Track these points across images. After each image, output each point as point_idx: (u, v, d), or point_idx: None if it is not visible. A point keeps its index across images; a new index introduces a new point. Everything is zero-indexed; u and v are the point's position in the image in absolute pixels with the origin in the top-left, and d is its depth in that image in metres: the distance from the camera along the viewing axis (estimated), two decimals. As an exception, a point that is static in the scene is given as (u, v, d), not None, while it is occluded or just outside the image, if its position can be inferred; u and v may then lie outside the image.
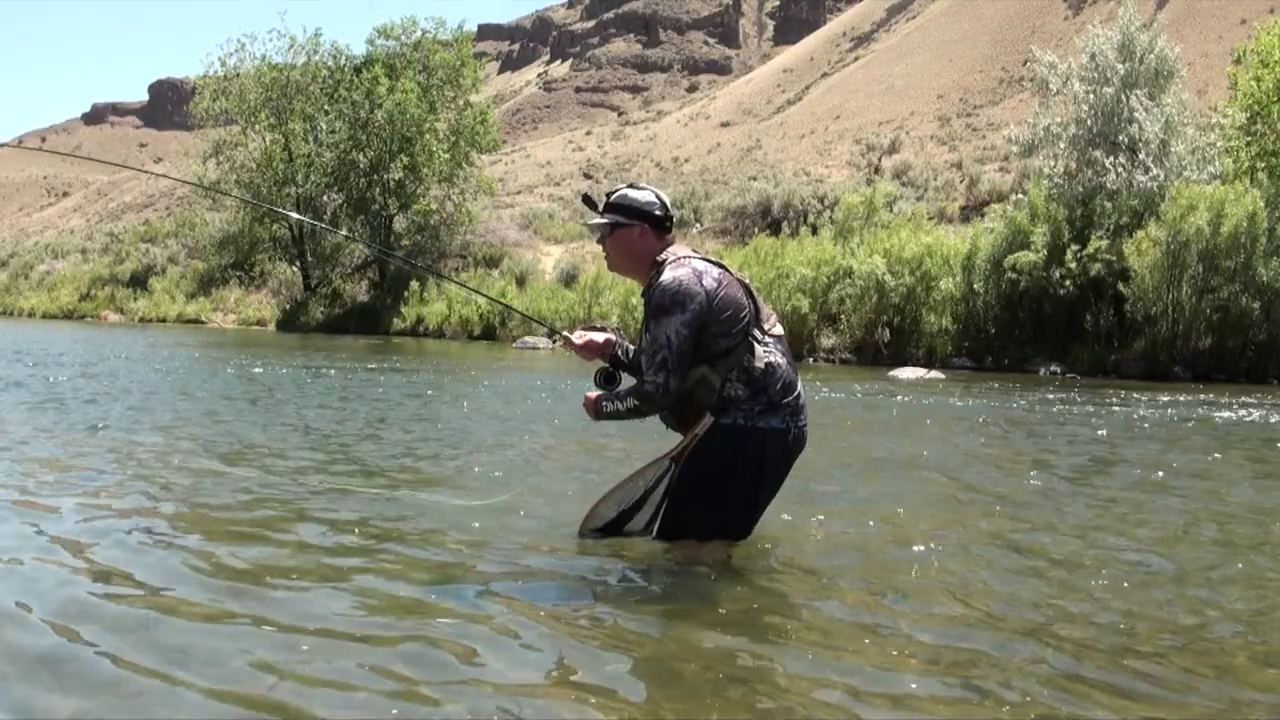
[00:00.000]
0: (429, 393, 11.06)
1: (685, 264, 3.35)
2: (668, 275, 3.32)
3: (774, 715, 2.25)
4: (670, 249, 3.45)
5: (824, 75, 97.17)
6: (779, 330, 3.46)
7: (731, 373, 3.30)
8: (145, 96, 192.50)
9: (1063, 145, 20.47)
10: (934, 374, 16.40)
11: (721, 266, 3.41)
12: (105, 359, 14.59)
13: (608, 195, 3.53)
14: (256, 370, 13.33)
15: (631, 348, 3.65)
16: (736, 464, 3.34)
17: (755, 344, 3.33)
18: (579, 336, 3.68)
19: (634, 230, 3.44)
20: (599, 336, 3.69)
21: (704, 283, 3.28)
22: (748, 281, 3.47)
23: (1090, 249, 18.20)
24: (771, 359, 3.35)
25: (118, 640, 2.55)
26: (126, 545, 3.57)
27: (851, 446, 7.25)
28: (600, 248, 3.62)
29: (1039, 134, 20.98)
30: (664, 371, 3.26)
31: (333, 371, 13.64)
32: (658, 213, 3.45)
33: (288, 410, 8.54)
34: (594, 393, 3.49)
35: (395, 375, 13.42)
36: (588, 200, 3.63)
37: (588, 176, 60.65)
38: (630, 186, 3.54)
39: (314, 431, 7.11)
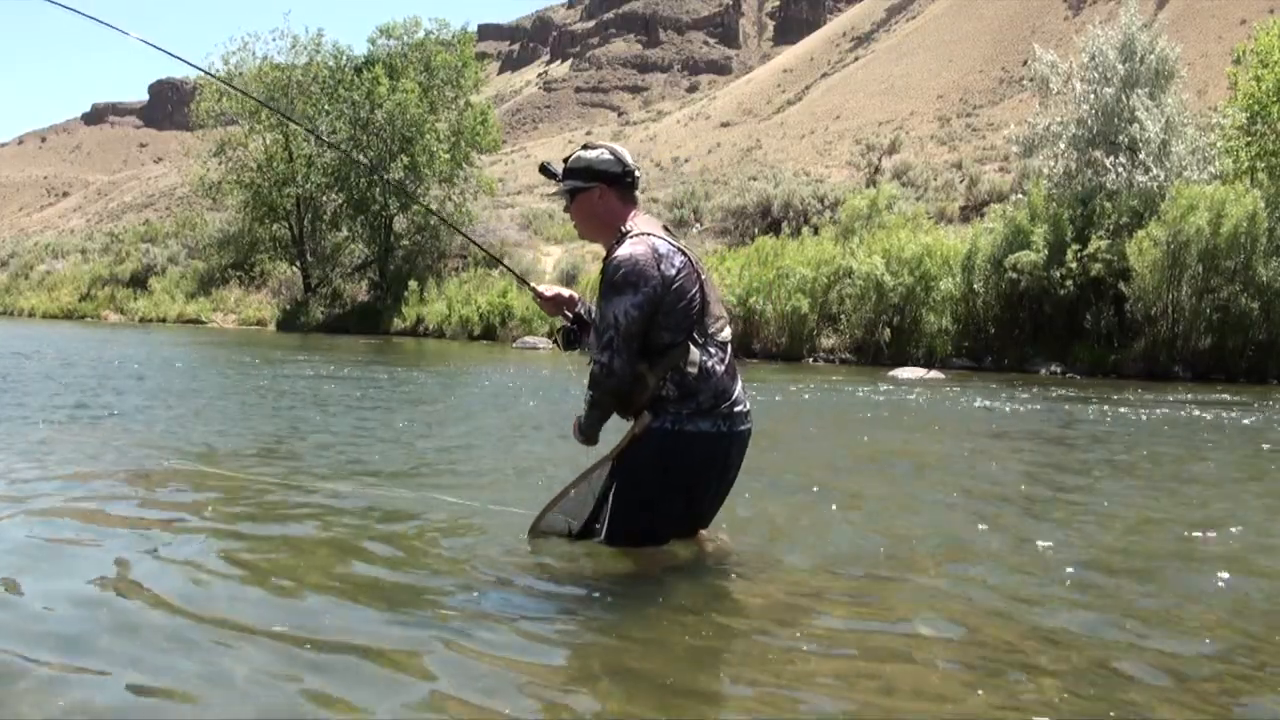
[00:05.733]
0: (420, 389, 11.07)
1: (645, 240, 3.22)
2: (624, 251, 3.20)
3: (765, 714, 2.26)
4: (635, 220, 3.32)
5: (824, 75, 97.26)
6: (725, 335, 3.34)
7: (667, 373, 3.20)
8: (145, 96, 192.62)
9: (1063, 145, 20.47)
10: (934, 374, 16.41)
11: (683, 252, 3.27)
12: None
13: (565, 160, 3.42)
14: (252, 371, 13.35)
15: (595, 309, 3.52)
16: (667, 466, 3.27)
17: (693, 347, 3.22)
18: (547, 288, 3.64)
19: (593, 192, 3.32)
20: (566, 291, 3.64)
21: (661, 267, 3.16)
22: (704, 275, 3.33)
23: (1090, 249, 18.20)
24: (708, 364, 3.24)
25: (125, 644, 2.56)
26: (133, 545, 3.58)
27: (850, 445, 7.26)
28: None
29: (1039, 134, 20.99)
30: (609, 351, 3.17)
31: (343, 372, 13.65)
32: (614, 170, 3.32)
33: (278, 410, 8.55)
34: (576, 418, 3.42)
35: (398, 376, 13.43)
36: (546, 170, 3.50)
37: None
38: (584, 147, 3.42)
39: (312, 431, 7.11)
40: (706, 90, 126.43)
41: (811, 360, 20.08)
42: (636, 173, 3.40)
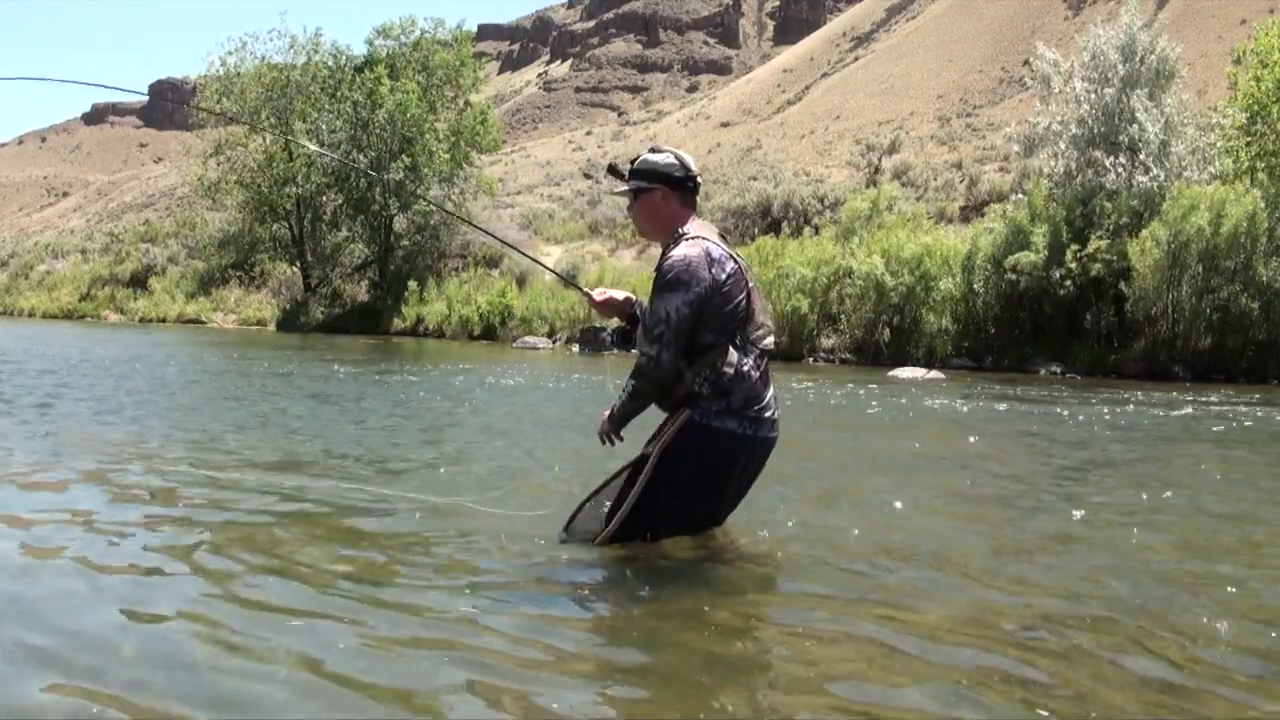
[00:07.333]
0: (427, 391, 11.07)
1: (700, 244, 3.34)
2: (679, 251, 3.32)
3: (765, 715, 2.25)
4: (692, 223, 3.44)
5: (824, 75, 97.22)
6: (767, 344, 3.44)
7: (704, 371, 3.30)
8: (145, 96, 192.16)
9: (1063, 145, 20.46)
10: (934, 374, 16.41)
11: (735, 260, 3.38)
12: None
13: (631, 162, 3.55)
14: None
15: None
16: (698, 461, 3.35)
17: (733, 349, 3.31)
18: (599, 293, 3.70)
19: (655, 194, 3.46)
20: (619, 294, 3.70)
21: (713, 270, 3.28)
22: (753, 284, 3.44)
23: (1090, 249, 18.19)
24: (744, 368, 3.33)
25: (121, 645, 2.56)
26: (139, 545, 3.58)
27: (851, 445, 7.26)
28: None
29: (1039, 134, 20.98)
30: (658, 345, 3.27)
31: (342, 373, 13.64)
32: (678, 174, 3.46)
33: (265, 409, 8.54)
34: (604, 411, 3.49)
35: (400, 375, 13.42)
36: (614, 170, 3.64)
37: (587, 176, 60.66)
38: (651, 150, 3.54)
39: (309, 431, 7.10)
40: (706, 90, 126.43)
41: (811, 360, 20.08)
42: (699, 179, 3.53)
